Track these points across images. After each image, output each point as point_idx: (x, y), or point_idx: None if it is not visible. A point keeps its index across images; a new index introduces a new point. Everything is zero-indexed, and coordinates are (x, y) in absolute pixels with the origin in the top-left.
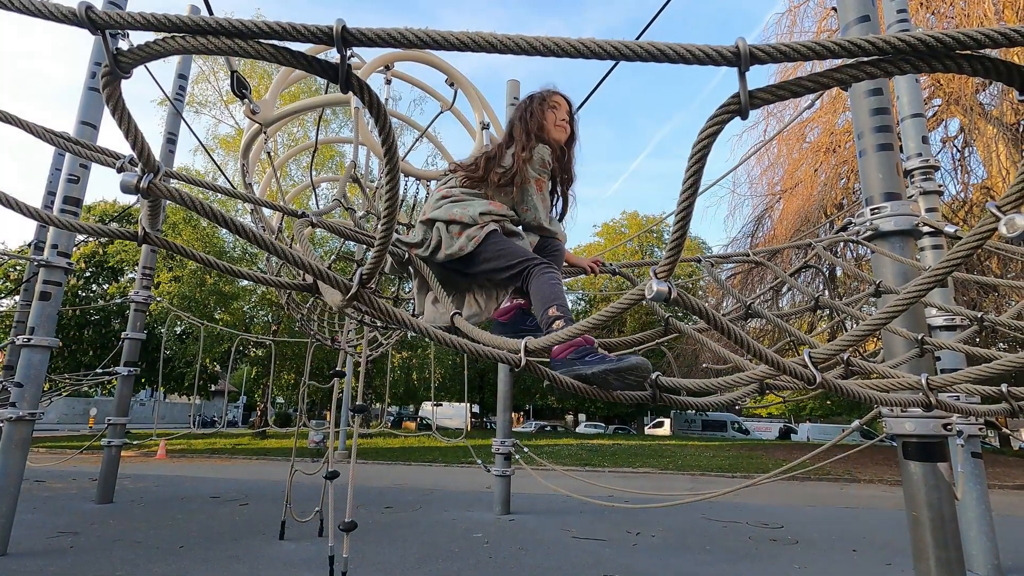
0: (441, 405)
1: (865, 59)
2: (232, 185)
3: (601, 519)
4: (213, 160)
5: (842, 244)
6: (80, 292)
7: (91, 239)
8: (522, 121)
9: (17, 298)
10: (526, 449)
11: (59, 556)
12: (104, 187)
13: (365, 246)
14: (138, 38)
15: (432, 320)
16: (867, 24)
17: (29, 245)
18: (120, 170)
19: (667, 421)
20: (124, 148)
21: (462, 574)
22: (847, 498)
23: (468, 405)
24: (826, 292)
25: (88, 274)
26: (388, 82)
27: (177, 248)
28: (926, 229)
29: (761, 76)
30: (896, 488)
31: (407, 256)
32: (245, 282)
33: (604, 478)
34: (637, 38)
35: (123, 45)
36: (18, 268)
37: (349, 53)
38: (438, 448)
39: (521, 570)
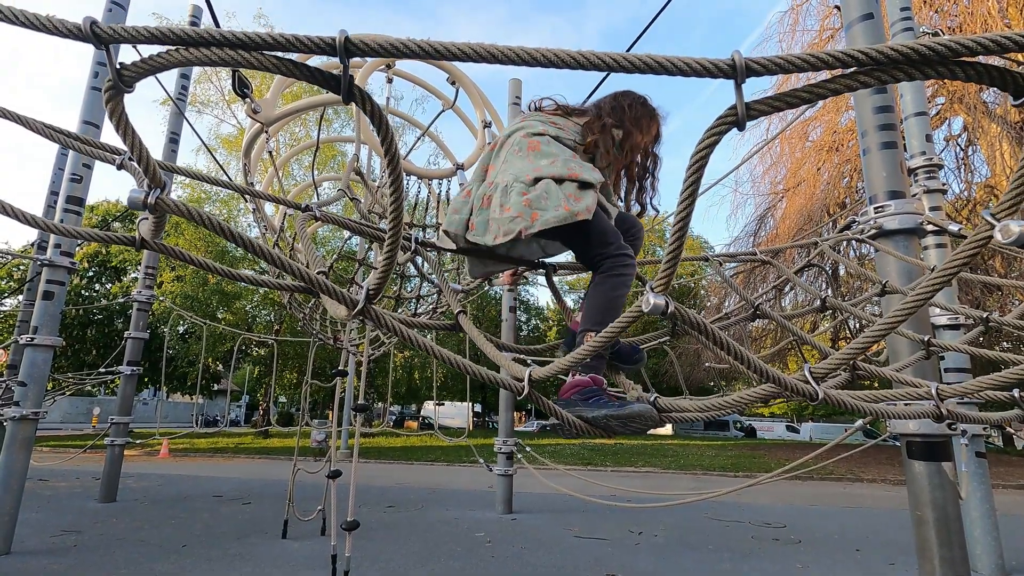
0: (443, 404)
1: (860, 69)
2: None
3: (603, 518)
4: (215, 159)
5: (845, 243)
6: (83, 291)
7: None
8: (631, 109)
9: (21, 297)
10: (528, 448)
11: (62, 555)
12: (107, 186)
13: (367, 246)
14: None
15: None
16: (871, 22)
17: (32, 244)
18: (120, 166)
19: None
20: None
21: (464, 573)
22: (850, 498)
23: (470, 404)
24: (829, 291)
25: (91, 274)
26: (390, 81)
27: (174, 253)
28: (930, 228)
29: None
30: (899, 488)
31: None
32: None
33: (606, 477)
34: (637, 38)
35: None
36: (22, 268)
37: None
38: (440, 447)
39: (523, 569)
